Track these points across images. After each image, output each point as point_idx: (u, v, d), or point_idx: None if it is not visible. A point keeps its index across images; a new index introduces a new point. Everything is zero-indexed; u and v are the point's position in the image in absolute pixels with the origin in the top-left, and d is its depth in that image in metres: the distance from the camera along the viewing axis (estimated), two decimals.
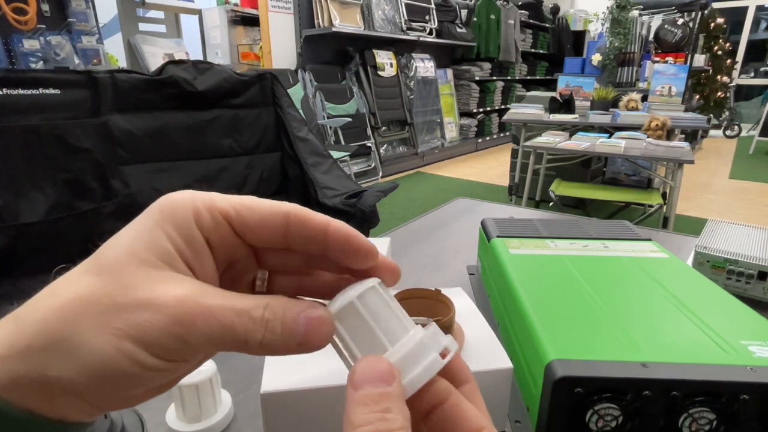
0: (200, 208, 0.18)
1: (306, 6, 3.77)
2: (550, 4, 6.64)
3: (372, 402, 0.16)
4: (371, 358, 0.17)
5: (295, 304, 0.18)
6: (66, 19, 2.73)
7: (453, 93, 5.35)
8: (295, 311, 0.17)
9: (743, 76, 7.47)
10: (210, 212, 0.18)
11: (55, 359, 0.15)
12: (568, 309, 0.39)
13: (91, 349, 0.15)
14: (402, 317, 0.19)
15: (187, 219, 0.18)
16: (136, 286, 0.16)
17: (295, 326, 0.17)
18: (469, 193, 3.87)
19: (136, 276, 0.16)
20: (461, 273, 0.68)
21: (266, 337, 0.17)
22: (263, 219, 0.19)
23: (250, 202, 0.19)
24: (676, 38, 4.09)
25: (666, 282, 0.43)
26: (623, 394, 0.30)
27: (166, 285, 0.16)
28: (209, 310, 0.16)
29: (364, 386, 0.16)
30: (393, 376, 0.17)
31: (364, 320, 0.18)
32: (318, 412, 0.31)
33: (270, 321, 0.17)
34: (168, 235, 0.17)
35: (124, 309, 0.15)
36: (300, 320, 0.17)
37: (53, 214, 1.19)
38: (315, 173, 1.57)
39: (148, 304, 0.16)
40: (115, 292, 0.16)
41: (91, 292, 0.16)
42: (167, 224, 0.17)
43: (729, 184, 4.29)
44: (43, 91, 1.19)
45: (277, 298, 0.18)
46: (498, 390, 0.34)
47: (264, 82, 1.58)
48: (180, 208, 0.18)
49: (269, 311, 0.17)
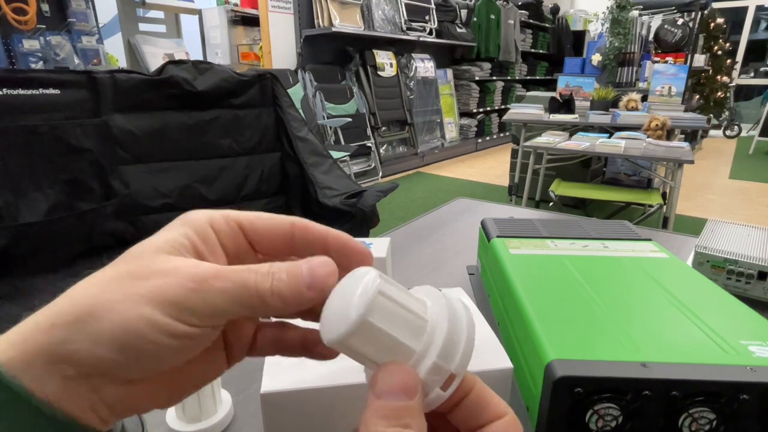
0: (216, 216, 0.20)
1: (306, 6, 3.77)
2: (550, 4, 6.65)
3: (392, 415, 0.16)
4: (397, 367, 0.17)
5: (296, 262, 0.19)
6: (66, 19, 2.73)
7: (453, 93, 5.35)
8: (297, 264, 0.19)
9: (743, 76, 7.47)
10: (224, 219, 0.20)
11: (77, 332, 0.16)
12: (568, 309, 0.39)
13: (113, 318, 0.16)
14: (415, 309, 0.18)
15: (204, 223, 0.20)
16: (155, 262, 0.17)
17: (298, 270, 0.18)
18: (469, 193, 3.87)
19: (155, 258, 0.18)
20: (461, 273, 0.68)
21: (275, 285, 0.18)
22: (272, 227, 0.21)
23: (259, 214, 0.21)
24: (676, 38, 4.09)
25: (666, 282, 0.43)
26: (623, 394, 0.30)
27: (181, 260, 0.18)
28: (220, 270, 0.18)
29: (386, 396, 0.16)
30: (415, 391, 0.16)
31: (381, 330, 0.17)
32: (318, 412, 0.31)
33: (276, 272, 0.18)
34: (185, 234, 0.19)
35: (144, 278, 0.17)
36: (302, 265, 0.19)
37: (53, 214, 1.19)
38: (315, 173, 1.57)
39: (165, 272, 0.17)
40: (136, 270, 0.17)
41: (113, 274, 0.17)
42: (186, 227, 0.20)
43: (729, 184, 4.30)
44: (43, 91, 1.19)
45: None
46: (498, 390, 0.34)
47: (264, 82, 1.58)
48: (198, 216, 0.20)
49: (274, 266, 0.19)
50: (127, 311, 0.16)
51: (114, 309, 0.16)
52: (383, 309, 0.17)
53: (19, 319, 0.16)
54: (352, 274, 0.19)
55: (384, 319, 0.17)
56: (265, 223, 0.21)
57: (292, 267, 0.18)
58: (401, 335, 0.17)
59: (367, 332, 0.17)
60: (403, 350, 0.17)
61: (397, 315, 0.17)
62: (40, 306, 0.17)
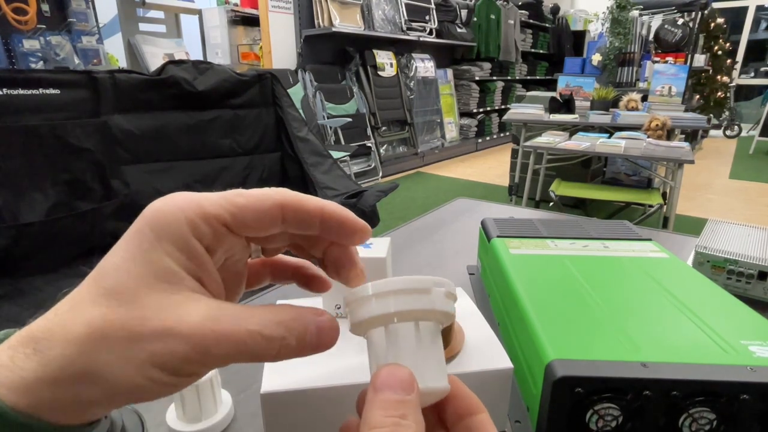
0: (194, 219, 0.18)
1: (306, 6, 3.77)
2: (550, 4, 6.64)
3: (390, 407, 0.17)
4: (394, 366, 0.18)
5: (304, 313, 0.18)
6: (66, 19, 2.73)
7: (453, 93, 5.35)
8: (305, 321, 0.18)
9: (743, 76, 7.47)
10: (205, 221, 0.18)
11: (85, 388, 0.16)
12: (568, 309, 0.39)
13: (118, 379, 0.16)
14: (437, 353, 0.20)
15: (184, 233, 0.17)
16: (150, 316, 0.16)
17: (308, 337, 0.18)
18: (469, 193, 3.87)
19: (148, 304, 0.16)
20: (461, 273, 0.68)
21: (281, 353, 0.18)
22: (259, 215, 0.19)
23: (241, 200, 0.19)
24: (676, 38, 4.09)
25: (666, 282, 0.43)
26: (623, 394, 0.30)
27: (179, 309, 0.17)
28: (224, 335, 0.17)
29: (385, 390, 0.17)
30: (413, 386, 0.17)
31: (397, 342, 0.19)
32: (318, 412, 0.31)
33: (284, 338, 0.17)
34: (169, 254, 0.17)
35: (143, 339, 0.16)
36: (312, 330, 0.18)
37: (53, 214, 1.19)
38: (315, 173, 1.57)
39: (166, 333, 0.16)
40: (131, 324, 0.16)
41: (106, 324, 0.16)
42: (165, 243, 0.17)
43: (729, 184, 4.29)
44: (43, 91, 1.19)
45: (286, 308, 0.18)
46: (498, 390, 0.34)
47: (264, 82, 1.58)
48: (172, 223, 0.17)
49: (282, 327, 0.17)
50: (132, 373, 0.16)
51: (118, 372, 0.16)
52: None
53: (19, 318, 0.16)
54: None
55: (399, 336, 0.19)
56: (251, 212, 0.19)
57: (302, 332, 0.18)
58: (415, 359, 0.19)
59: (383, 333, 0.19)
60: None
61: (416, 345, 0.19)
62: (39, 305, 0.17)
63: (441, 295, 0.19)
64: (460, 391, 0.20)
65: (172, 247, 0.17)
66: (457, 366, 0.33)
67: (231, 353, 0.17)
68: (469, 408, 0.19)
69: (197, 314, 0.17)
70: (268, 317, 0.18)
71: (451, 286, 0.20)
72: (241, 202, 0.19)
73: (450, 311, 0.20)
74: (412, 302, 0.19)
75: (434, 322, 0.20)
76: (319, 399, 0.31)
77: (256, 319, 0.17)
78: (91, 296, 0.17)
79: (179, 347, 0.16)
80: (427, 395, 0.18)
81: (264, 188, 0.19)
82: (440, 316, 0.20)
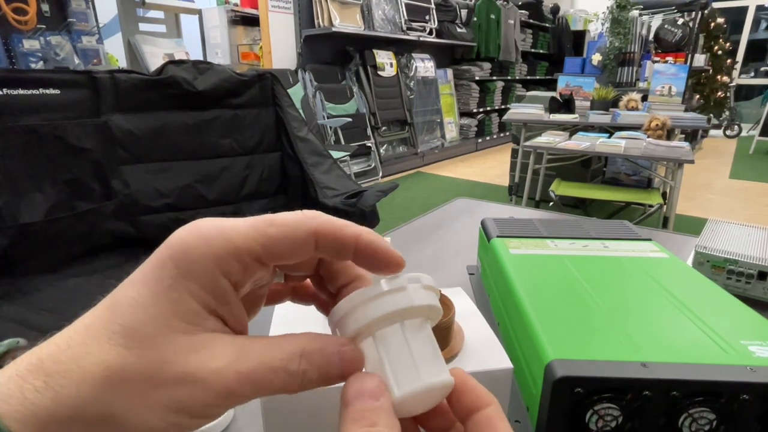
0: (223, 256, 0.17)
1: (306, 6, 3.77)
2: (550, 4, 6.64)
3: (361, 417, 0.16)
4: (360, 376, 0.18)
5: (328, 344, 0.18)
6: (66, 19, 2.73)
7: (453, 93, 5.35)
8: (329, 353, 0.17)
9: (743, 76, 7.47)
10: (236, 258, 0.17)
11: (99, 430, 0.15)
12: (568, 309, 0.39)
13: (135, 424, 0.15)
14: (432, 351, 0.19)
15: (211, 272, 0.16)
16: (171, 361, 0.16)
17: (331, 370, 0.17)
18: (469, 193, 3.87)
19: (168, 348, 0.16)
20: (461, 273, 0.68)
21: (304, 386, 0.17)
22: (293, 246, 0.18)
23: (274, 230, 0.17)
24: (676, 38, 4.09)
25: (666, 282, 0.43)
26: (623, 394, 0.30)
27: (202, 353, 0.16)
28: (249, 378, 0.16)
29: (352, 403, 0.17)
30: (381, 392, 0.17)
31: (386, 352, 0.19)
32: (318, 413, 0.31)
33: (307, 372, 0.17)
34: (192, 293, 0.16)
35: (164, 385, 0.15)
36: (335, 362, 0.18)
37: (53, 214, 1.19)
38: (315, 173, 1.57)
39: (186, 379, 0.16)
40: (150, 368, 0.15)
41: (124, 368, 0.15)
42: (189, 281, 0.16)
43: (729, 184, 4.29)
44: (43, 91, 1.19)
45: (310, 339, 0.18)
46: (498, 390, 0.34)
47: (264, 82, 1.58)
48: (199, 260, 0.16)
49: (305, 361, 0.17)
50: (152, 419, 0.15)
51: (137, 418, 0.15)
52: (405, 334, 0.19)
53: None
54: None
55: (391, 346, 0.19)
56: (285, 244, 0.17)
57: (325, 365, 0.17)
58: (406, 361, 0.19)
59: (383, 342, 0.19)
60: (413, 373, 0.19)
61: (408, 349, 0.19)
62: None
63: (419, 290, 0.19)
64: (465, 384, 0.19)
65: (196, 286, 0.16)
66: (457, 366, 0.33)
67: (254, 393, 0.16)
68: (477, 401, 0.19)
69: (222, 358, 0.16)
70: (292, 349, 0.17)
71: (428, 279, 0.20)
72: (273, 233, 0.17)
73: (433, 303, 0.19)
74: (391, 304, 0.18)
75: (420, 318, 0.19)
76: (319, 399, 0.31)
77: (282, 355, 0.17)
78: (106, 332, 0.16)
79: (202, 393, 0.16)
80: (430, 392, 0.18)
81: (296, 213, 0.18)
82: (424, 311, 0.19)
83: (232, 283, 0.17)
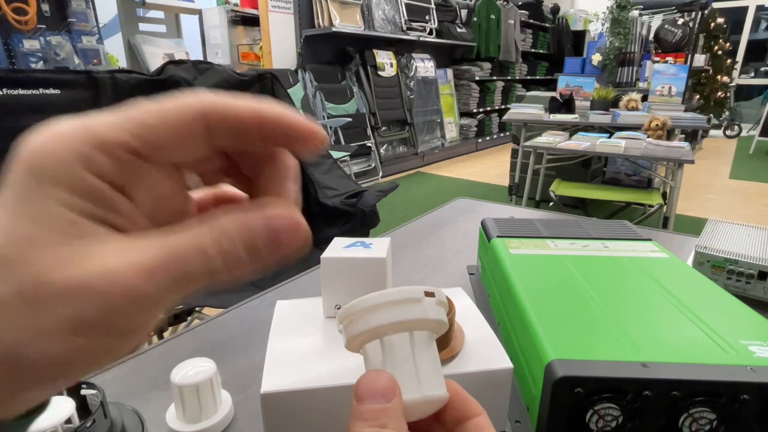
0: (85, 151, 0.14)
1: (306, 6, 3.77)
2: (550, 4, 6.64)
3: (371, 417, 0.17)
4: (374, 374, 0.18)
5: (250, 213, 0.15)
6: (66, 19, 2.73)
7: (453, 93, 5.35)
8: (251, 221, 0.15)
9: (743, 76, 7.47)
10: (102, 150, 0.14)
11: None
12: (568, 309, 0.39)
13: (37, 358, 0.13)
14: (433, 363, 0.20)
15: (75, 172, 0.13)
16: (47, 276, 0.13)
17: (257, 242, 0.15)
18: (469, 193, 3.88)
19: (41, 265, 0.13)
20: (461, 273, 0.68)
21: (233, 267, 0.14)
22: (177, 133, 0.15)
23: (150, 117, 0.14)
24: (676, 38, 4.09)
25: (666, 282, 0.43)
26: (623, 394, 0.30)
27: (83, 261, 0.13)
28: (150, 270, 0.13)
29: (366, 400, 0.17)
30: (393, 393, 0.17)
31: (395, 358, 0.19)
32: (318, 412, 0.31)
33: (229, 250, 0.14)
34: (60, 200, 0.13)
35: (46, 303, 0.13)
36: (259, 230, 0.15)
37: None
38: (315, 173, 1.57)
39: (70, 291, 0.13)
40: (25, 290, 0.13)
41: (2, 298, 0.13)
42: (53, 188, 0.13)
43: (729, 184, 4.29)
44: (44, 91, 1.19)
45: (224, 211, 0.15)
46: (498, 390, 0.34)
47: (264, 82, 1.58)
48: (57, 162, 0.13)
49: (222, 236, 0.14)
50: (49, 350, 0.13)
51: (30, 349, 0.13)
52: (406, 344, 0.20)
53: None
54: None
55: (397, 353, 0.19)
56: (167, 129, 0.14)
57: (250, 237, 0.15)
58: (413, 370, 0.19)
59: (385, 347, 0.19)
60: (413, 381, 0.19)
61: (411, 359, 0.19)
62: None
63: (432, 304, 0.20)
64: (457, 395, 0.20)
65: (64, 193, 0.13)
66: (457, 366, 0.33)
67: (168, 286, 0.14)
68: (467, 411, 0.19)
69: (111, 257, 0.13)
70: (202, 226, 0.15)
71: (442, 295, 0.20)
72: (149, 120, 0.14)
73: (442, 319, 0.20)
74: (405, 313, 0.19)
75: (428, 331, 0.20)
76: (319, 399, 0.31)
77: (188, 233, 0.14)
78: None
79: (96, 302, 0.13)
80: (426, 404, 0.19)
81: (181, 95, 0.15)
82: (433, 325, 0.20)
83: (109, 182, 0.14)
